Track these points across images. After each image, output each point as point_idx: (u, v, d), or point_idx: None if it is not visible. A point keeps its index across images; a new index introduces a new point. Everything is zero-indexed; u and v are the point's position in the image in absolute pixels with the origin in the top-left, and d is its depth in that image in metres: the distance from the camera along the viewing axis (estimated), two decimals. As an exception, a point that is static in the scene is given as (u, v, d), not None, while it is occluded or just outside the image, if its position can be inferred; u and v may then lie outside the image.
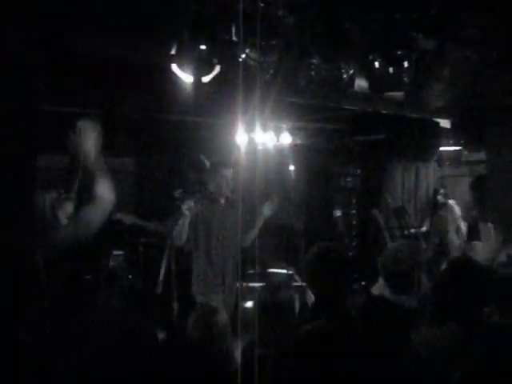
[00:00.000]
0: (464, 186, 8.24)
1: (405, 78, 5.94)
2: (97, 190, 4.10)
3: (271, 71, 5.42)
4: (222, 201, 6.48)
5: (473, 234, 6.82)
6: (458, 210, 7.26)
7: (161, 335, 3.90)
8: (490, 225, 6.71)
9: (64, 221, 4.27)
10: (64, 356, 3.59)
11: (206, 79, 5.27)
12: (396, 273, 4.36)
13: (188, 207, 6.13)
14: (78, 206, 4.29)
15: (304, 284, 6.00)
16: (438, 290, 3.59)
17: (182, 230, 6.22)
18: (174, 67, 5.17)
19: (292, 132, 8.60)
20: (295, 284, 7.35)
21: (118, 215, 7.31)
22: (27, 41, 3.45)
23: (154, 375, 2.78)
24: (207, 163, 7.50)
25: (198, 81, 5.24)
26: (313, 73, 5.69)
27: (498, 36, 5.79)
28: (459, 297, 3.42)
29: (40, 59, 3.62)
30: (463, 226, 7.11)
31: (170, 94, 5.57)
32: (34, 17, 3.53)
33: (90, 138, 4.20)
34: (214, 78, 5.29)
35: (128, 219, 7.44)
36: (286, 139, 8.59)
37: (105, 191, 4.14)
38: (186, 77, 5.21)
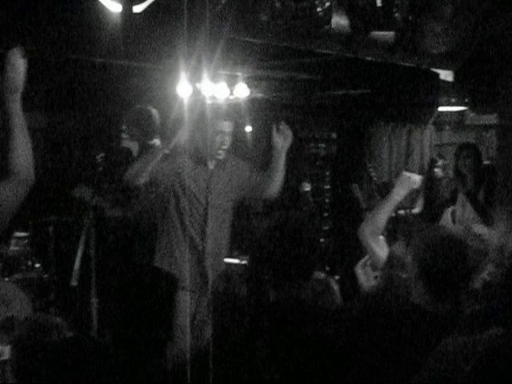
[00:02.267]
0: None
1: (396, 15, 5.97)
2: (13, 162, 3.30)
3: (223, 1, 5.19)
4: (211, 163, 5.95)
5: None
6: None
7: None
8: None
9: None
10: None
11: (138, 9, 4.99)
12: (442, 273, 3.56)
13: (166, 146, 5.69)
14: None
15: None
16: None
17: (141, 168, 5.67)
18: (98, -8, 4.84)
19: (249, 83, 8.34)
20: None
21: (77, 190, 6.70)
22: None
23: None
24: (157, 117, 6.97)
25: (127, 11, 4.96)
26: (278, 4, 5.47)
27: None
28: None
29: None
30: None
31: (93, 28, 5.20)
32: None
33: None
34: (148, 9, 5.00)
35: (88, 194, 6.68)
36: (242, 92, 8.35)
37: (25, 163, 3.35)
38: (112, 5, 4.93)
